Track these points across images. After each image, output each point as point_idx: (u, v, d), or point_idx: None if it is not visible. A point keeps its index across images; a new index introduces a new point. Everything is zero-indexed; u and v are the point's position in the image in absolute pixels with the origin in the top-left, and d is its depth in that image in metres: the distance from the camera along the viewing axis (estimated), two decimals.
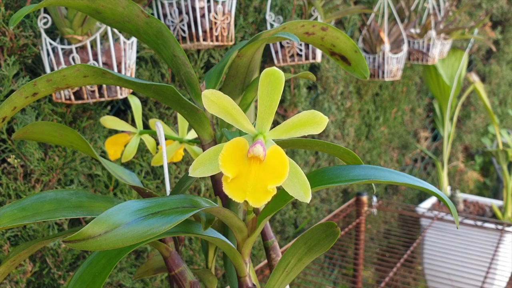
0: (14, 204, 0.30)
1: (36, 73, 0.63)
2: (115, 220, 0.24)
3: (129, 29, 0.34)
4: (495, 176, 2.21)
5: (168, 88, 0.32)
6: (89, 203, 0.31)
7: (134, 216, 0.25)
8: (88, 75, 0.30)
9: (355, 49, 0.39)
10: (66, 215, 0.30)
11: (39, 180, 0.63)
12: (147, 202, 0.27)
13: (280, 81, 0.28)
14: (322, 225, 0.35)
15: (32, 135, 0.34)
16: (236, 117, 0.28)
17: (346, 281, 1.28)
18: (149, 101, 0.76)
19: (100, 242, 0.23)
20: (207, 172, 0.29)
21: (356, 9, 1.03)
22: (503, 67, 2.14)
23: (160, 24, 0.33)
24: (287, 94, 1.05)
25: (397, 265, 0.90)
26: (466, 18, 1.80)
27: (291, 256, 0.36)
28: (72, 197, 0.31)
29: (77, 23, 0.58)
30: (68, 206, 0.30)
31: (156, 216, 0.26)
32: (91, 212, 0.31)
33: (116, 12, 0.32)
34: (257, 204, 0.26)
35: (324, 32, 0.37)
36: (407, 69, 1.56)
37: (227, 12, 0.71)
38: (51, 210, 0.30)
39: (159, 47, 0.34)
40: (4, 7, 0.58)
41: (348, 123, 1.32)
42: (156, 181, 0.77)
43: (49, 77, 0.28)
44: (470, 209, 1.54)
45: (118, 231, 0.24)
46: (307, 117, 0.28)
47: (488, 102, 1.56)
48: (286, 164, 0.27)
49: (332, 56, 0.41)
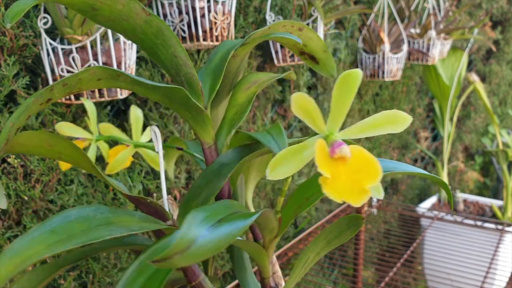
0: (40, 227, 0.27)
1: (36, 73, 0.63)
2: (193, 234, 0.24)
3: (123, 28, 0.32)
4: (495, 176, 2.21)
5: (179, 90, 0.31)
6: (115, 218, 0.30)
7: (205, 227, 0.25)
8: (102, 78, 0.29)
9: (325, 49, 0.40)
10: (105, 233, 0.27)
11: (39, 180, 0.63)
12: (203, 211, 0.27)
13: (355, 83, 0.27)
14: (346, 218, 0.36)
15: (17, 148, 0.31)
16: (316, 119, 0.28)
17: (346, 281, 1.28)
18: (149, 101, 0.76)
19: (186, 257, 0.23)
20: (284, 174, 0.28)
21: (356, 9, 1.03)
22: (503, 67, 2.14)
23: (161, 23, 0.32)
24: (287, 94, 1.05)
25: (397, 265, 0.90)
26: (466, 18, 1.80)
27: (310, 252, 0.36)
28: (97, 214, 0.29)
29: (77, 23, 0.58)
30: (99, 224, 0.28)
31: (222, 224, 0.26)
32: (128, 228, 0.29)
33: (114, 10, 0.30)
34: (357, 203, 0.26)
35: (300, 32, 0.38)
36: (407, 69, 1.56)
37: (227, 12, 0.71)
38: (84, 230, 0.28)
39: (157, 48, 0.33)
40: (4, 7, 0.58)
41: (348, 123, 1.32)
42: (156, 181, 0.77)
43: (65, 81, 0.27)
44: (470, 209, 1.54)
45: (198, 244, 0.24)
46: (389, 116, 0.28)
47: (488, 102, 1.56)
48: (375, 161, 0.27)
49: (301, 55, 0.41)
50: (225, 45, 0.39)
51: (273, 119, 1.06)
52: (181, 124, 0.80)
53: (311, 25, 0.93)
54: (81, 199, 0.68)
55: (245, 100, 0.39)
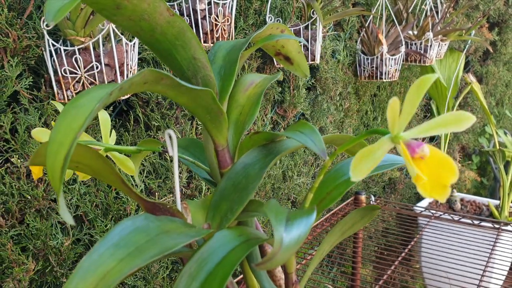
0: (102, 244, 0.25)
1: (39, 74, 0.64)
2: (280, 235, 0.26)
3: (140, 28, 0.31)
4: (492, 176, 2.23)
5: (207, 92, 0.31)
6: (165, 226, 0.29)
7: (282, 227, 0.27)
8: (148, 81, 0.28)
9: (299, 50, 0.41)
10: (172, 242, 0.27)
11: (42, 180, 0.64)
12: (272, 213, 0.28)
13: (426, 86, 0.28)
14: (361, 210, 0.37)
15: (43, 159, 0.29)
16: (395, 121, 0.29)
17: (344, 279, 1.29)
18: (151, 102, 0.77)
19: (281, 257, 0.25)
20: (363, 174, 0.29)
21: (355, 11, 1.04)
22: (500, 68, 2.15)
23: (184, 24, 0.31)
24: (286, 95, 1.06)
25: (395, 263, 0.91)
26: (464, 19, 1.82)
27: (326, 244, 0.37)
28: (148, 223, 0.28)
29: (79, 24, 0.59)
30: (157, 233, 0.28)
31: (292, 223, 0.27)
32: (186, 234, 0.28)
33: (138, 9, 0.29)
34: (443, 199, 0.28)
35: (281, 34, 0.39)
36: (404, 70, 1.57)
37: (227, 14, 0.72)
38: (149, 240, 0.27)
39: (175, 49, 0.32)
40: (7, 9, 0.58)
41: (346, 124, 1.33)
42: (158, 180, 0.78)
43: (122, 86, 0.26)
44: (467, 208, 1.56)
45: (286, 244, 0.26)
46: (455, 116, 0.28)
47: (485, 103, 1.57)
48: (449, 159, 0.28)
49: (276, 56, 0.42)
50: (220, 46, 0.39)
51: (273, 119, 1.07)
52: (182, 125, 0.81)
53: (310, 26, 0.94)
54: (84, 198, 0.69)
55: (246, 100, 0.40)
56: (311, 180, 1.19)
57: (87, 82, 0.59)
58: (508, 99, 2.32)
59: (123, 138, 0.74)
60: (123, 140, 0.74)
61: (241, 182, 0.34)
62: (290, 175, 1.10)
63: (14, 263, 0.60)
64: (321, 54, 1.11)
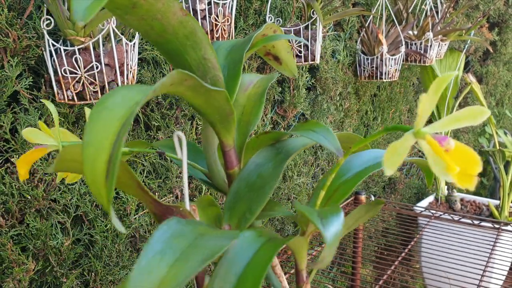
0: (146, 252, 0.24)
1: (39, 74, 0.64)
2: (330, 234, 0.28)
3: (150, 27, 0.30)
4: (492, 176, 2.23)
5: (222, 93, 0.31)
6: (197, 229, 0.29)
7: (321, 223, 0.29)
8: (174, 82, 0.27)
9: (288, 50, 0.42)
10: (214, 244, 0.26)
11: (42, 180, 0.64)
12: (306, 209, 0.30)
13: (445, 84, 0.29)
14: (366, 206, 0.37)
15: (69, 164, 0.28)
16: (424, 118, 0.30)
17: (344, 279, 1.29)
18: (151, 102, 0.77)
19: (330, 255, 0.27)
20: (394, 167, 0.30)
21: (355, 11, 1.04)
22: (500, 68, 2.15)
23: (196, 24, 0.31)
24: (286, 95, 1.06)
25: (395, 263, 0.91)
26: (464, 19, 1.82)
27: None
28: (184, 227, 0.28)
29: (79, 24, 0.59)
30: (195, 237, 0.27)
31: (326, 219, 0.29)
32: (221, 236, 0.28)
33: (153, 8, 0.29)
34: (472, 187, 0.29)
35: (274, 33, 0.39)
36: (404, 70, 1.57)
37: (227, 14, 0.72)
38: (190, 245, 0.26)
39: (185, 49, 0.32)
40: (7, 9, 0.58)
41: (346, 124, 1.33)
42: (157, 180, 0.78)
43: (155, 88, 0.26)
44: (467, 208, 1.56)
45: (329, 239, 0.27)
46: (472, 110, 0.29)
47: (484, 103, 1.57)
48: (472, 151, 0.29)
49: (266, 56, 0.42)
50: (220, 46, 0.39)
51: (273, 119, 1.07)
52: (182, 125, 0.81)
53: (310, 26, 0.94)
54: (84, 198, 0.69)
55: (247, 101, 0.40)
56: (311, 180, 1.19)
57: (87, 82, 0.59)
58: (508, 99, 2.32)
59: None
60: None
61: (256, 182, 0.34)
62: (290, 175, 1.11)
63: (14, 263, 0.60)
64: (321, 54, 1.11)
